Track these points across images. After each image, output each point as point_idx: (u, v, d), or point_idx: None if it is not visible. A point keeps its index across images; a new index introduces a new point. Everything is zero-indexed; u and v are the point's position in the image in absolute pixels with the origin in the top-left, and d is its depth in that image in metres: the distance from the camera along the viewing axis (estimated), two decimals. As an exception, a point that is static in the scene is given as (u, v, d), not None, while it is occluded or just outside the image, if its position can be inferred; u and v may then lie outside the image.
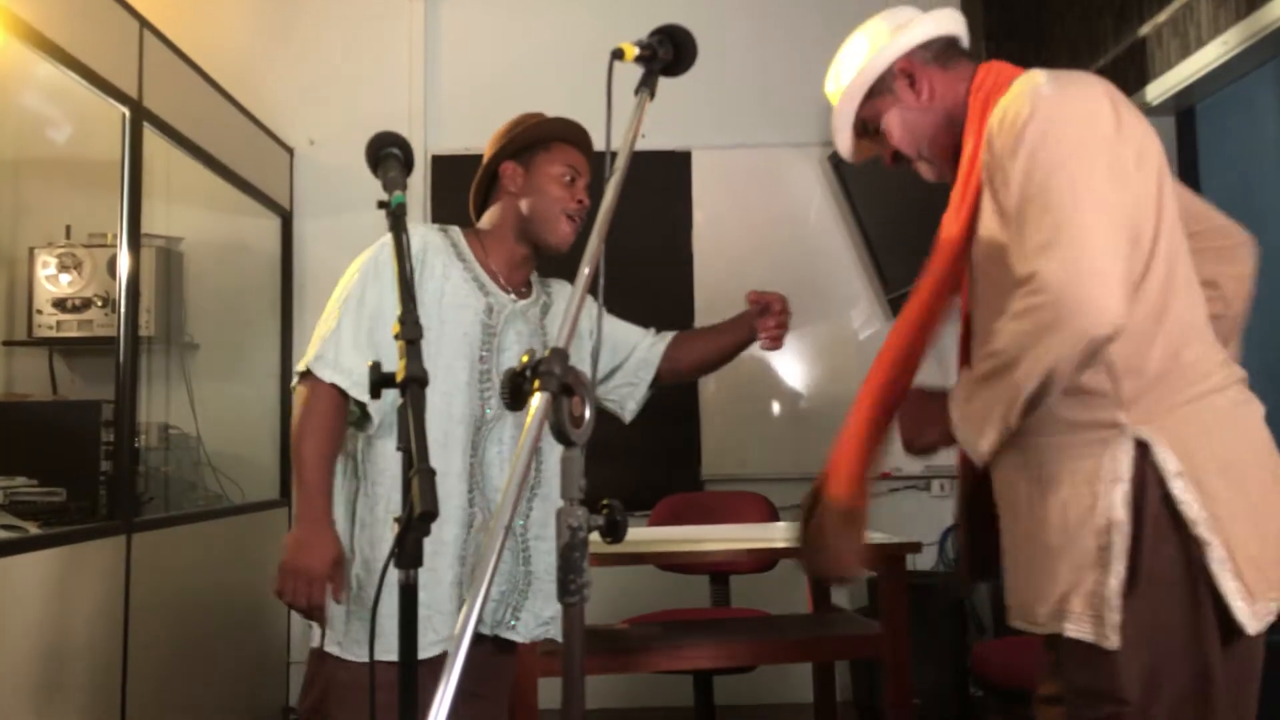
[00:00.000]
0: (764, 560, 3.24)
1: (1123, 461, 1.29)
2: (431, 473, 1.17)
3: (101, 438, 2.95)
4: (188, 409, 3.82)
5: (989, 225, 1.40)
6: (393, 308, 1.67)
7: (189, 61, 3.23)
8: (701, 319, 4.09)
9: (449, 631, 1.71)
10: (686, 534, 2.83)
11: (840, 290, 4.13)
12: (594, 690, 3.61)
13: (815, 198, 4.17)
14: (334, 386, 1.69)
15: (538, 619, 1.84)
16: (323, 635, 1.74)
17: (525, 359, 1.10)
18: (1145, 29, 3.19)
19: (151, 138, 2.96)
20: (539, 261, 1.96)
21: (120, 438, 2.77)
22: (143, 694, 2.68)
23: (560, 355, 1.09)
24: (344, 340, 1.71)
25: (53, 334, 3.60)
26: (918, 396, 1.55)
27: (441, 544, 1.71)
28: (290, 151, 4.10)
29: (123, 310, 2.81)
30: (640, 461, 3.97)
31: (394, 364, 1.64)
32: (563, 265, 1.77)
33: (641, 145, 4.45)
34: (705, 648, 2.34)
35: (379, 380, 1.31)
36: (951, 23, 1.62)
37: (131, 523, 2.72)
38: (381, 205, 1.54)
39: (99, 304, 3.60)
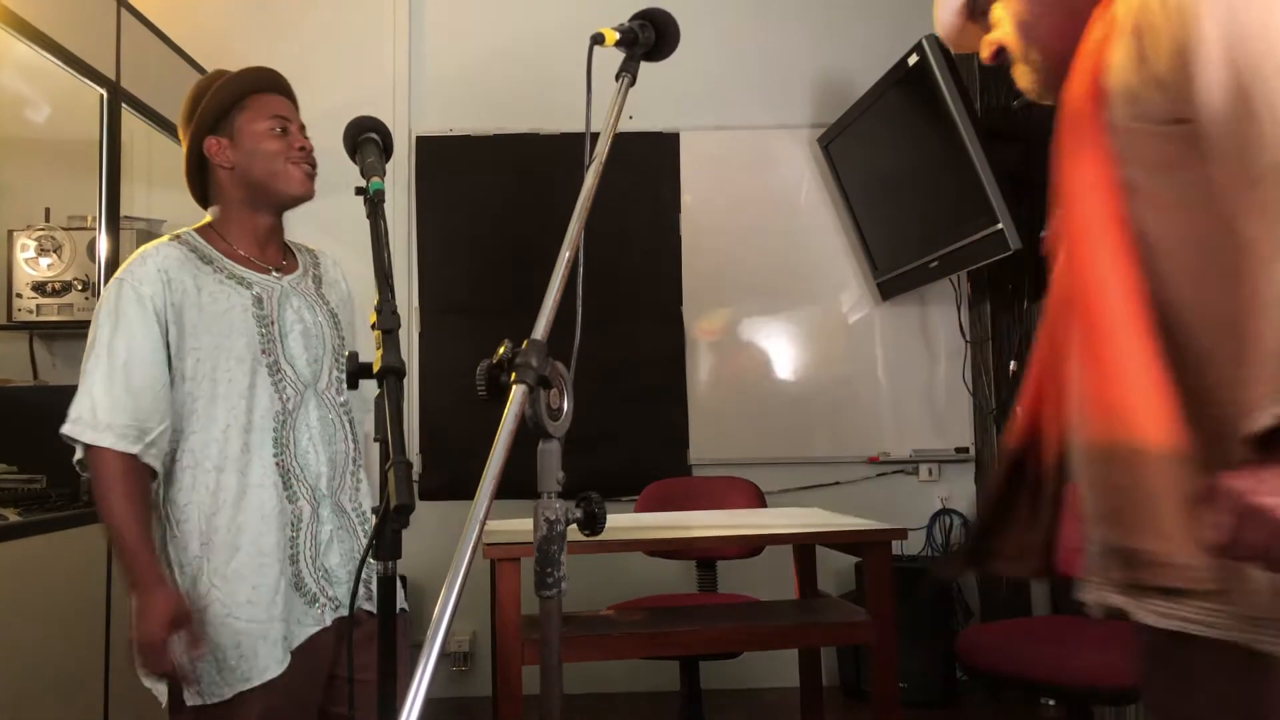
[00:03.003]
0: (751, 546, 3.23)
1: None
2: (408, 465, 1.15)
3: (82, 423, 2.91)
4: (171, 393, 3.78)
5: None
6: (147, 351, 1.62)
7: (168, 41, 3.18)
8: (690, 301, 4.07)
9: (297, 638, 1.66)
10: (673, 520, 2.82)
11: (830, 273, 4.11)
12: (580, 674, 3.61)
13: (805, 180, 4.14)
14: (104, 448, 1.59)
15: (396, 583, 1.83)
16: (171, 692, 1.64)
17: (501, 350, 1.08)
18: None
19: (132, 119, 2.91)
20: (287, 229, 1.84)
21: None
22: (125, 682, 2.67)
23: (537, 347, 1.07)
24: (98, 395, 1.60)
25: (32, 318, 3.55)
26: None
27: (263, 556, 1.64)
28: (273, 133, 4.05)
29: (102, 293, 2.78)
30: (628, 446, 3.96)
31: (155, 411, 1.62)
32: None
33: (630, 126, 4.41)
34: (690, 634, 2.33)
35: (356, 371, 1.29)
36: None
37: (113, 509, 2.70)
38: (359, 192, 1.52)
39: (79, 287, 3.55)
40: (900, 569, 3.64)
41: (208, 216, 1.80)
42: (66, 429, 1.61)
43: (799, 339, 4.11)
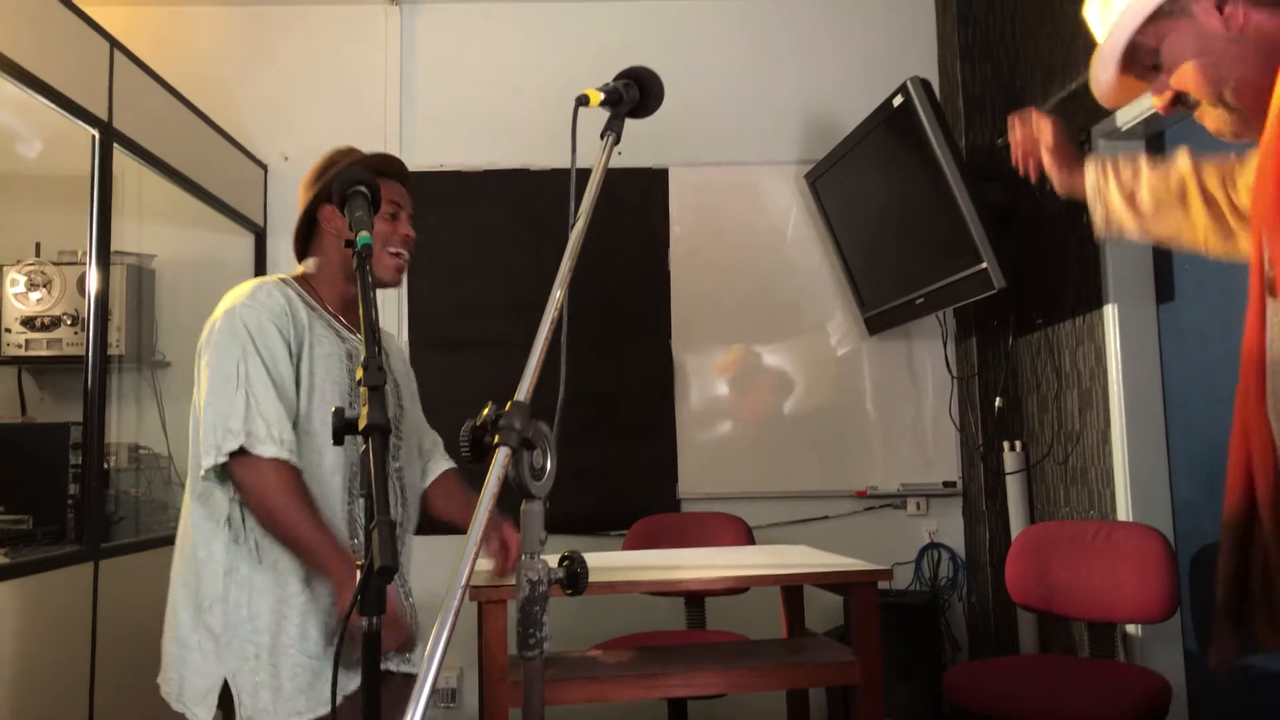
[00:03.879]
0: (739, 583, 3.23)
1: None
2: (392, 525, 1.16)
3: (70, 461, 2.91)
4: (159, 428, 3.78)
5: None
6: (284, 361, 1.73)
7: (161, 81, 3.20)
8: (678, 335, 4.09)
9: (344, 684, 1.72)
10: (661, 559, 2.83)
11: (818, 306, 4.14)
12: (565, 711, 3.59)
13: (792, 215, 4.18)
14: (276, 459, 1.68)
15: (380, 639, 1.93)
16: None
17: (485, 411, 1.10)
18: (1116, 54, 3.21)
19: (123, 155, 2.93)
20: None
21: (88, 461, 2.74)
22: (109, 722, 2.65)
23: (520, 409, 1.09)
24: (267, 411, 1.69)
25: (21, 353, 3.56)
26: None
27: (331, 595, 1.71)
28: (264, 168, 4.07)
29: (91, 330, 2.79)
30: (617, 479, 3.97)
31: (291, 423, 1.71)
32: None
33: (619, 162, 4.43)
34: (676, 676, 2.33)
35: (342, 427, 1.30)
36: None
37: (98, 549, 2.69)
38: (348, 244, 1.54)
39: (68, 322, 3.56)
40: (889, 604, 3.65)
41: (301, 268, 1.93)
42: (247, 444, 1.66)
43: (788, 372, 4.13)
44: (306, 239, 1.95)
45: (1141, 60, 1.30)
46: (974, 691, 2.63)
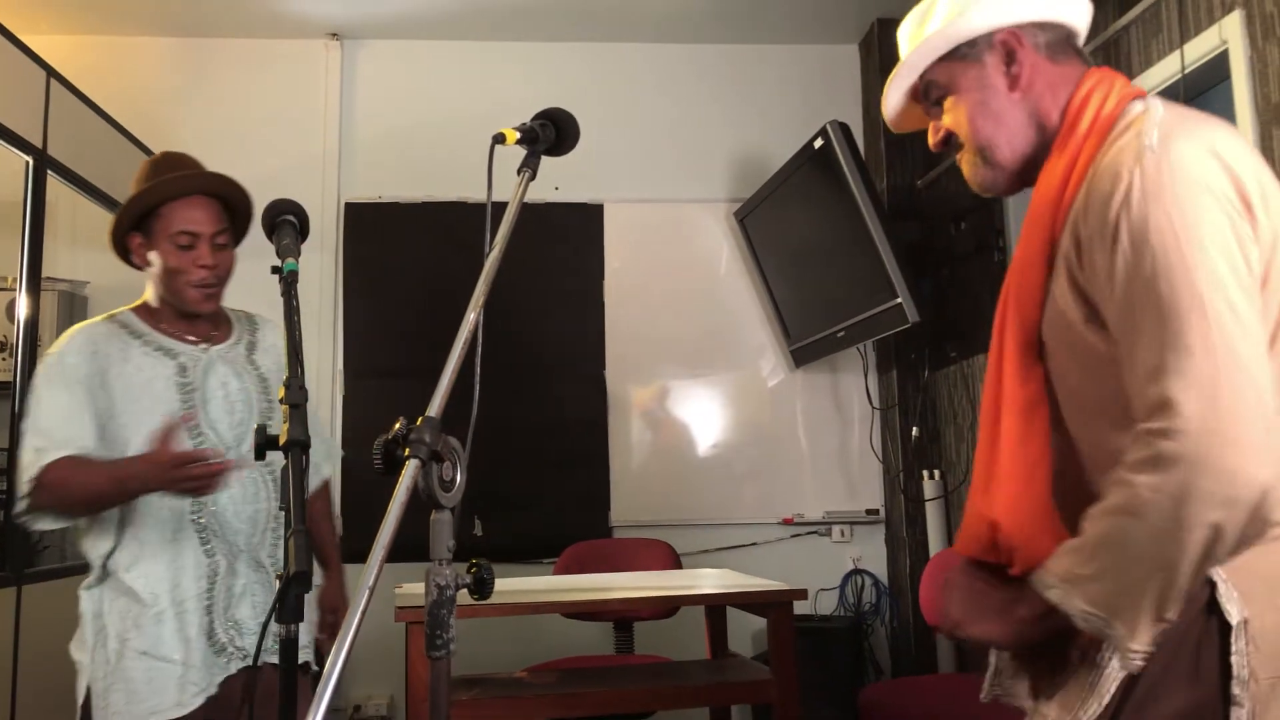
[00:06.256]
0: (666, 607, 3.31)
1: None
2: (307, 534, 1.23)
3: (-5, 486, 2.90)
4: (88, 455, 3.75)
5: (1068, 311, 1.15)
6: (65, 411, 1.78)
7: (98, 110, 3.24)
8: (612, 366, 4.18)
9: (205, 684, 1.79)
10: (588, 583, 2.90)
11: (749, 339, 4.26)
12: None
13: (724, 251, 4.31)
14: (54, 461, 1.75)
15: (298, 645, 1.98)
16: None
17: (398, 425, 1.18)
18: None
19: (58, 182, 2.96)
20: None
21: (12, 486, 2.73)
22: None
23: (431, 423, 1.17)
24: (47, 428, 1.78)
25: (-52, 379, 3.52)
26: (973, 577, 1.27)
27: (179, 605, 1.79)
28: (202, 197, 4.09)
29: (19, 354, 2.80)
30: (551, 508, 4.03)
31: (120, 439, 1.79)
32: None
33: (556, 197, 4.54)
34: (598, 695, 2.40)
35: (264, 443, 1.36)
36: (1079, 12, 1.28)
37: (22, 573, 2.68)
38: (275, 271, 1.60)
39: (-3, 348, 3.54)
40: (813, 628, 3.75)
41: (146, 293, 1.94)
42: (30, 472, 1.75)
43: (718, 403, 4.24)
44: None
45: (931, 94, 1.32)
46: (887, 708, 2.73)
